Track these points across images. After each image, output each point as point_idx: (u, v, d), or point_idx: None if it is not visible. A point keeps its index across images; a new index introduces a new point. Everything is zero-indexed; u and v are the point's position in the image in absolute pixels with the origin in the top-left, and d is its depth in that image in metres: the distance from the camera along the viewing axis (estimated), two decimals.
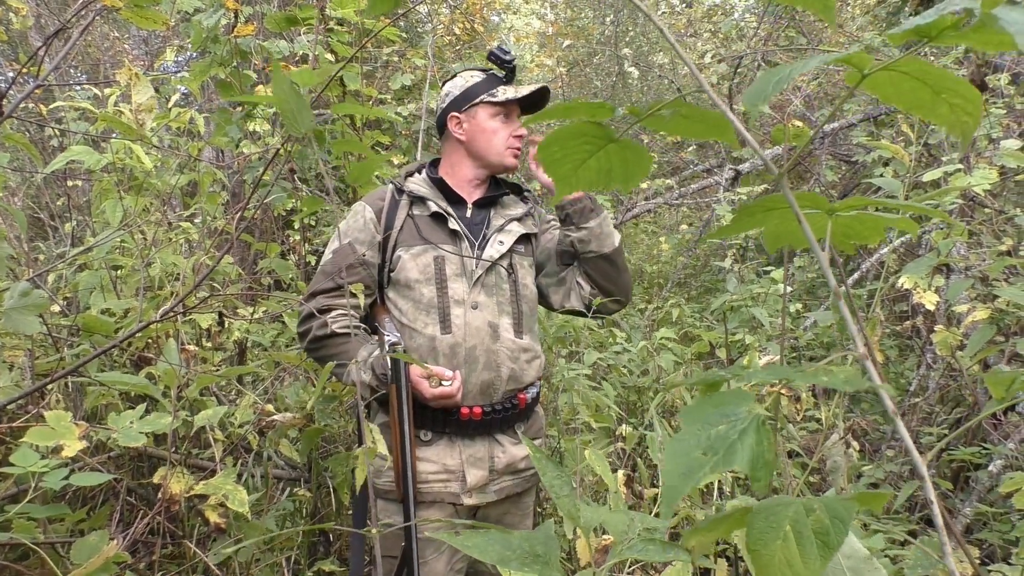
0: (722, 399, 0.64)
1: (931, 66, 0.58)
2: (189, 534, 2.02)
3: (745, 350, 3.29)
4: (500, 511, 1.87)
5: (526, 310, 1.87)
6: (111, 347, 1.64)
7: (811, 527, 0.58)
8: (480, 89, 1.88)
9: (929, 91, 0.59)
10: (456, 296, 1.78)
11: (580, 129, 0.68)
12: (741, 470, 0.56)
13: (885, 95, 0.61)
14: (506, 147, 1.89)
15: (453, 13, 6.92)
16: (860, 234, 0.78)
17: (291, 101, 1.02)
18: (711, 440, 0.60)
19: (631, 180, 0.73)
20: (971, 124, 0.60)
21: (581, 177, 0.73)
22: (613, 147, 0.70)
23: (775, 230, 0.78)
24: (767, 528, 0.59)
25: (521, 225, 1.94)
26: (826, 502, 0.60)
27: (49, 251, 3.59)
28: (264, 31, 3.21)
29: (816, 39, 6.59)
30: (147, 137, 1.82)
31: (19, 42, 5.26)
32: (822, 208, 0.73)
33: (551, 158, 0.71)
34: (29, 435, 1.32)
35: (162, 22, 1.43)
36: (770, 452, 0.57)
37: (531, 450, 1.14)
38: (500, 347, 1.79)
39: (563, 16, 9.29)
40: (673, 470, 0.59)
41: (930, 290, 2.40)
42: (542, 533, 1.00)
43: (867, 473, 2.62)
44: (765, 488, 0.56)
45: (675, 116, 0.67)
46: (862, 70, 0.59)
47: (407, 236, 1.83)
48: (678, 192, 5.34)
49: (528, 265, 1.93)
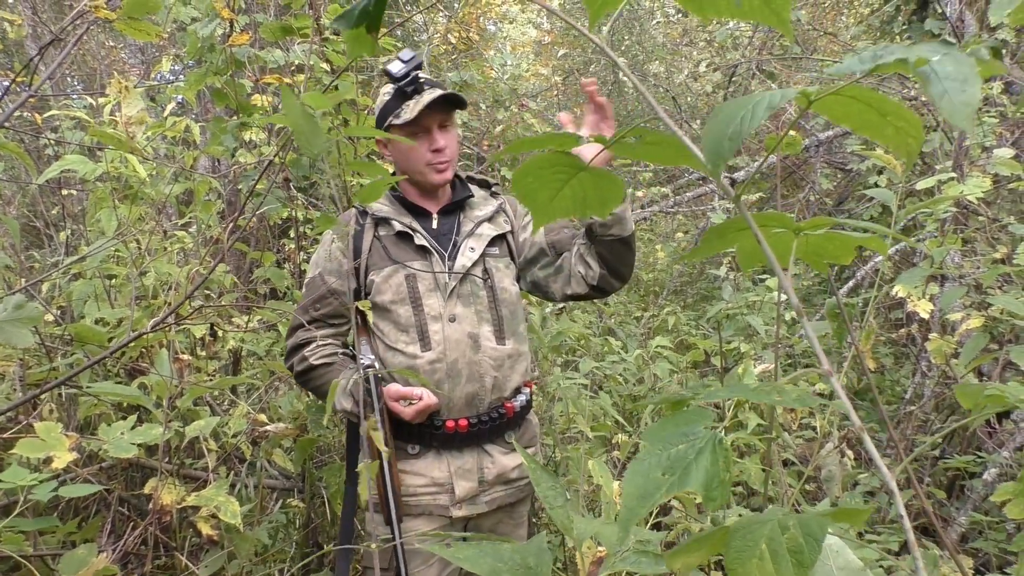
0: (684, 418, 0.65)
1: (874, 92, 0.60)
2: (181, 545, 2.01)
3: (741, 358, 3.29)
4: (493, 521, 1.85)
5: (506, 314, 1.83)
6: (103, 357, 1.63)
7: (786, 545, 0.58)
8: (389, 109, 1.79)
9: (875, 114, 0.61)
10: (432, 312, 1.76)
11: (552, 159, 0.69)
12: (696, 491, 0.57)
13: (836, 116, 0.63)
14: (425, 164, 1.81)
15: (449, 22, 6.94)
16: (830, 253, 0.79)
17: (304, 124, 1.02)
18: (671, 460, 0.61)
19: (606, 206, 0.74)
20: (914, 145, 0.62)
21: (557, 206, 0.73)
22: (585, 175, 0.70)
23: (748, 249, 0.78)
24: (744, 547, 0.60)
25: (492, 226, 1.88)
26: (800, 520, 0.61)
27: (44, 260, 3.58)
28: (259, 40, 3.21)
29: (810, 48, 6.62)
30: (138, 149, 1.81)
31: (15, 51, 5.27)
32: (788, 227, 0.73)
33: (527, 188, 0.71)
34: (19, 447, 1.32)
35: (155, 34, 1.43)
36: (725, 471, 0.58)
37: (526, 460, 1.13)
38: (482, 357, 1.77)
39: (558, 26, 9.33)
40: (632, 492, 0.60)
41: (924, 298, 2.41)
42: (534, 545, 1.00)
43: (863, 481, 2.62)
44: (718, 508, 0.57)
45: (642, 143, 0.67)
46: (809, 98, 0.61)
47: (376, 258, 1.80)
48: (673, 200, 5.35)
49: (504, 266, 1.87)
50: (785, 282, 0.58)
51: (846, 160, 5.57)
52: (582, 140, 0.65)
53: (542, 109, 6.28)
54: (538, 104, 6.80)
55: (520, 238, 1.93)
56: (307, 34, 2.57)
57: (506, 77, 5.99)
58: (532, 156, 0.68)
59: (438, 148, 1.80)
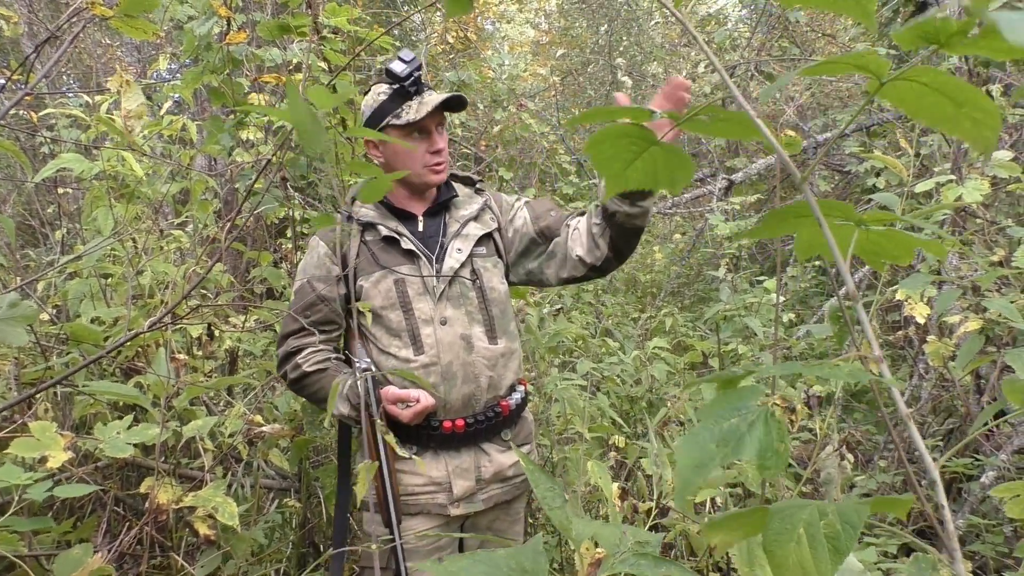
0: (735, 395, 0.66)
1: (950, 77, 0.56)
2: (177, 545, 2.00)
3: (738, 360, 3.29)
4: (489, 518, 1.86)
5: (497, 313, 1.83)
6: (100, 357, 1.62)
7: (823, 531, 0.59)
8: (386, 109, 1.76)
9: (951, 104, 0.57)
10: (423, 315, 1.76)
11: (627, 130, 0.68)
12: (749, 460, 0.58)
13: (908, 108, 0.60)
14: (423, 166, 1.80)
15: (447, 21, 6.93)
16: (890, 252, 0.76)
17: (307, 122, 1.01)
18: (723, 433, 0.62)
19: (676, 183, 0.73)
20: (992, 139, 0.58)
21: (630, 177, 0.72)
22: (657, 150, 0.70)
23: (808, 238, 0.75)
24: (782, 530, 0.61)
25: (478, 224, 1.87)
26: (839, 507, 0.61)
27: (39, 258, 3.57)
28: (257, 39, 3.20)
29: (809, 49, 6.63)
30: (137, 143, 1.81)
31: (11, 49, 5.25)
32: (851, 219, 0.71)
33: (602, 155, 0.70)
34: (14, 446, 1.31)
35: (152, 32, 1.42)
36: (780, 442, 0.59)
37: (523, 461, 1.13)
38: (476, 358, 1.77)
39: (557, 25, 9.33)
40: (687, 463, 0.61)
41: (922, 301, 2.40)
42: (529, 548, 0.99)
43: (859, 483, 2.61)
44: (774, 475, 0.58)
45: (713, 119, 0.67)
46: (880, 77, 0.58)
47: (364, 264, 1.80)
48: (671, 201, 5.35)
49: (492, 266, 1.86)
50: (845, 273, 0.57)
51: (844, 162, 5.57)
52: (656, 115, 0.65)
53: (540, 109, 6.28)
54: (536, 104, 6.80)
55: (509, 232, 1.92)
56: (305, 33, 2.57)
57: (504, 77, 5.98)
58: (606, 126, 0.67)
59: (438, 150, 1.79)
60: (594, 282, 4.82)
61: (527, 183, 5.53)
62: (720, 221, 3.85)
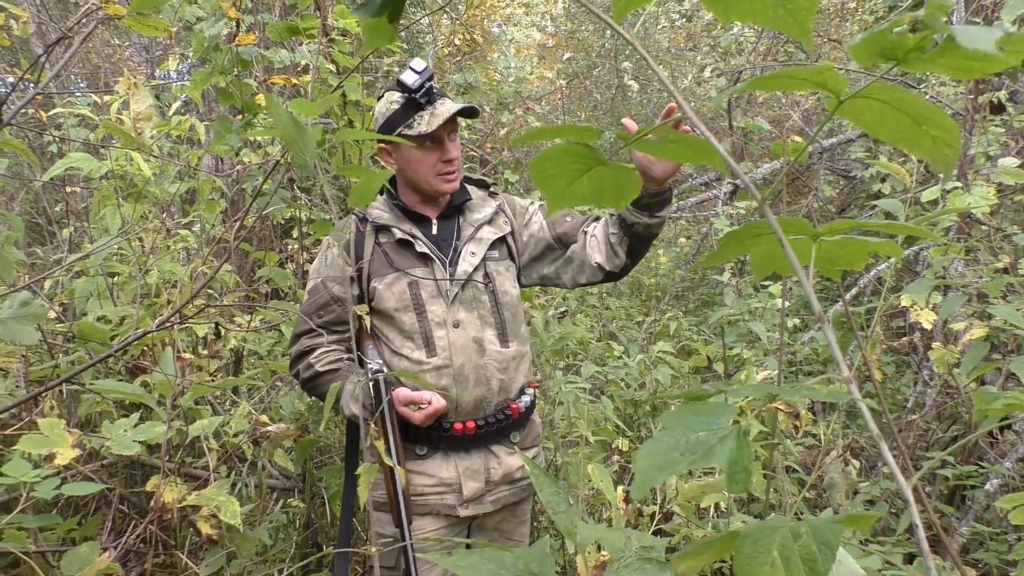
0: (705, 409, 0.64)
1: (909, 94, 0.56)
2: (181, 544, 2.00)
3: (743, 364, 3.29)
4: (497, 519, 1.87)
5: (509, 317, 1.84)
6: (108, 355, 1.63)
7: (798, 553, 0.57)
8: (398, 119, 1.76)
9: (910, 121, 0.57)
10: (436, 318, 1.77)
11: (573, 149, 0.69)
12: (719, 467, 0.56)
13: (868, 126, 0.59)
14: (436, 174, 1.80)
15: (454, 24, 6.94)
16: (843, 259, 0.77)
17: (292, 131, 1.02)
18: (690, 444, 0.59)
19: (623, 199, 0.74)
20: (951, 156, 0.58)
21: (574, 193, 0.73)
22: (603, 169, 0.70)
23: (762, 255, 0.77)
24: (755, 553, 0.58)
25: (492, 228, 1.88)
26: (813, 526, 0.59)
27: (47, 257, 3.58)
28: (265, 40, 3.21)
29: (815, 55, 6.63)
30: (146, 145, 1.81)
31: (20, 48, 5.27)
32: (806, 233, 0.72)
33: (544, 174, 0.71)
34: (22, 443, 1.31)
35: (163, 29, 1.43)
36: (749, 460, 0.57)
37: (528, 465, 1.13)
38: (488, 361, 1.78)
39: (563, 29, 9.33)
40: (647, 464, 0.58)
41: (927, 307, 2.40)
42: (537, 550, 0.99)
43: (863, 490, 2.61)
44: (741, 491, 0.56)
45: (663, 141, 0.67)
46: (838, 95, 0.58)
47: (378, 266, 1.80)
48: (676, 205, 5.35)
49: (505, 269, 1.87)
50: (808, 288, 0.58)
51: (849, 167, 5.57)
52: (603, 135, 0.65)
53: (546, 112, 6.28)
54: (542, 107, 6.80)
55: (524, 236, 1.93)
56: (313, 35, 2.58)
57: (510, 80, 5.99)
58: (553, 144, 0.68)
59: (450, 159, 1.80)
60: (599, 286, 4.82)
61: (532, 186, 5.53)
62: (726, 226, 3.85)
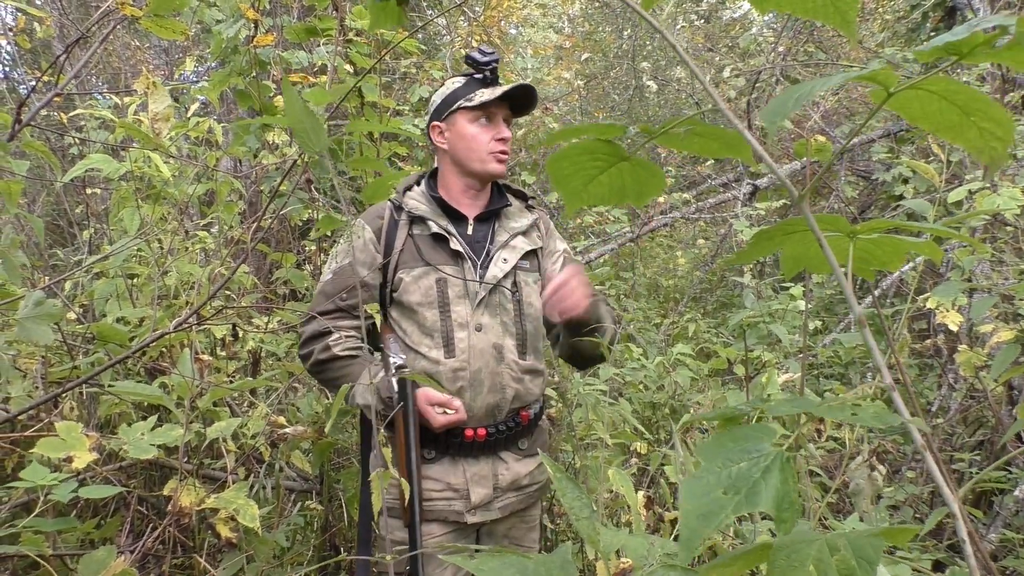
0: (743, 434, 0.62)
1: (961, 85, 0.55)
2: (200, 546, 2.00)
3: (763, 367, 3.25)
4: (506, 526, 1.85)
5: (530, 329, 1.81)
6: (127, 356, 1.63)
7: (836, 568, 0.54)
8: (459, 94, 1.79)
9: (958, 112, 0.56)
10: (459, 319, 1.74)
11: (591, 146, 0.67)
12: (765, 511, 0.53)
13: (912, 115, 0.59)
14: (488, 152, 1.79)
15: (471, 25, 6.94)
16: (879, 259, 0.75)
17: (304, 121, 1.00)
18: (732, 478, 0.57)
19: (644, 196, 0.72)
20: (1000, 150, 0.56)
21: (592, 192, 0.71)
22: (625, 165, 0.68)
23: (794, 253, 0.75)
24: (789, 567, 0.56)
25: (526, 239, 1.86)
26: (851, 540, 0.56)
27: (67, 258, 3.61)
28: (283, 42, 3.22)
29: (835, 54, 6.56)
30: (163, 146, 1.81)
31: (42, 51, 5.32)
32: (843, 231, 0.69)
33: (560, 173, 0.69)
34: (40, 446, 1.31)
35: (180, 32, 1.43)
36: (795, 491, 0.54)
37: (551, 469, 1.11)
38: (505, 369, 1.75)
39: (580, 30, 9.31)
40: (691, 510, 0.56)
41: (953, 309, 2.36)
42: (558, 557, 0.97)
43: (887, 495, 2.57)
44: (790, 530, 0.53)
45: (690, 134, 0.65)
46: (888, 88, 0.57)
47: (408, 257, 1.77)
48: (695, 206, 5.31)
49: (533, 281, 1.85)
50: (847, 288, 0.55)
51: (870, 168, 5.50)
52: (628, 130, 0.63)
53: (563, 114, 6.26)
54: (560, 109, 6.78)
55: (546, 262, 1.91)
56: (331, 35, 2.57)
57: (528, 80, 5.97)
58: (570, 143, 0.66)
59: (503, 137, 1.80)
60: (616, 287, 4.80)
61: (549, 187, 5.51)
62: (745, 227, 3.81)
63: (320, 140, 0.95)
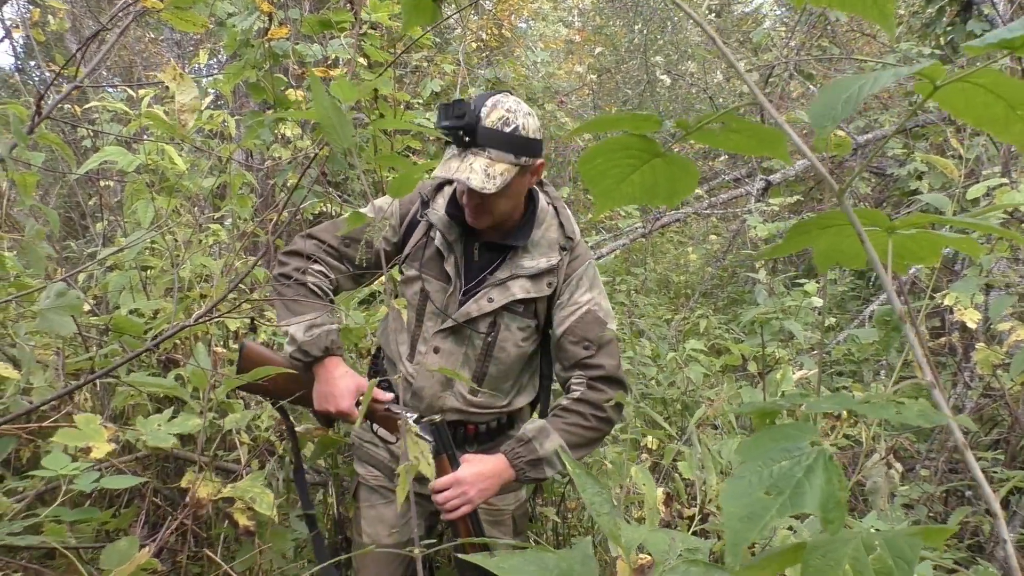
0: (782, 432, 0.60)
1: (1009, 79, 0.54)
2: (216, 537, 2.01)
3: (775, 363, 3.24)
4: None
5: (494, 372, 1.75)
6: (147, 349, 1.63)
7: (872, 567, 0.53)
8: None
9: (1004, 106, 0.55)
10: (426, 334, 1.76)
11: (625, 142, 0.65)
12: (811, 512, 0.52)
13: (956, 109, 0.58)
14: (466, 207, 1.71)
15: (482, 19, 6.92)
16: (916, 254, 0.73)
17: (332, 116, 1.00)
18: (774, 478, 0.56)
19: (676, 196, 0.70)
20: None
21: (623, 192, 0.70)
22: (659, 162, 0.67)
23: (828, 247, 0.73)
24: (824, 567, 0.55)
25: (531, 285, 1.73)
26: (888, 539, 0.56)
27: (81, 250, 3.62)
28: (297, 35, 3.21)
29: (849, 49, 6.52)
30: (189, 137, 1.81)
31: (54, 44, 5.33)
32: (881, 226, 0.68)
33: (593, 171, 0.68)
34: (59, 436, 1.32)
35: (201, 24, 1.42)
36: (842, 490, 0.53)
37: (569, 465, 1.10)
38: (449, 396, 1.75)
39: (591, 24, 9.28)
40: (734, 513, 0.55)
41: (971, 307, 2.34)
42: (579, 552, 0.97)
43: (901, 493, 2.55)
44: (838, 531, 0.52)
45: (725, 130, 0.63)
46: (934, 81, 0.56)
47: (414, 254, 1.79)
48: (708, 202, 5.29)
49: (518, 328, 1.75)
50: (887, 283, 0.54)
51: (884, 164, 5.47)
52: (665, 123, 0.62)
53: (575, 108, 6.24)
54: (571, 102, 6.76)
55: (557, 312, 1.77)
56: (345, 28, 2.57)
57: (540, 75, 5.95)
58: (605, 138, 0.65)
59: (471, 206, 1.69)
60: (627, 282, 4.78)
61: (560, 181, 5.50)
62: (758, 223, 3.79)
63: (347, 135, 0.95)
